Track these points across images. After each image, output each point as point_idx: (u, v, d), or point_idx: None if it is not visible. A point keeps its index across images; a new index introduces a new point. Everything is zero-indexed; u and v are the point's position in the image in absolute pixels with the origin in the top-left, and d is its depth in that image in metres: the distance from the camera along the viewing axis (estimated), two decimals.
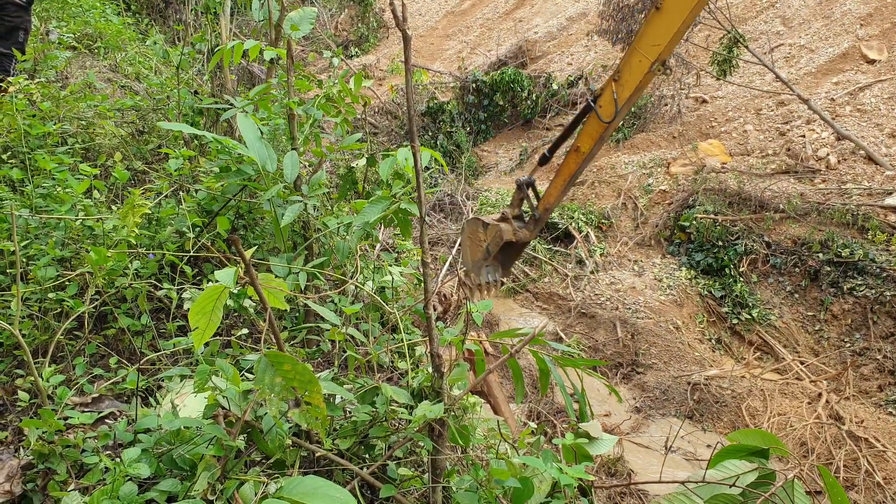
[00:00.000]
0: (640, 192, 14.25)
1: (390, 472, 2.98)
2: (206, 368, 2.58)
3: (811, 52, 16.74)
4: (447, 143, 18.26)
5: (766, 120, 15.10)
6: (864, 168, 12.55)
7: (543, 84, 19.31)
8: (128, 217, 3.67)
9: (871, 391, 9.79)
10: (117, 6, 12.06)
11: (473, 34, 25.58)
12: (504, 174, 17.64)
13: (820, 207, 11.84)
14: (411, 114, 2.53)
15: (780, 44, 17.42)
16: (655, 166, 14.78)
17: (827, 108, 14.18)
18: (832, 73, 15.67)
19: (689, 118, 16.42)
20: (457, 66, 22.26)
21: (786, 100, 15.19)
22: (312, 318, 4.10)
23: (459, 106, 19.03)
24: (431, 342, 2.81)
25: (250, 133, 3.67)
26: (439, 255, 12.98)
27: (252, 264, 2.38)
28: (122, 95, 7.41)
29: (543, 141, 18.20)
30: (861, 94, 14.41)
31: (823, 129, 13.69)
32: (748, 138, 14.76)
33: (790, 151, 13.62)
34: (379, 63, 23.61)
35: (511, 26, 24.63)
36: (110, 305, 3.74)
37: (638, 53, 6.39)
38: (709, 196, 12.89)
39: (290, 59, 4.16)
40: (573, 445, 3.17)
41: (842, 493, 2.63)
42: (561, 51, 22.15)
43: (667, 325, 11.24)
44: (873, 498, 7.80)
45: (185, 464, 2.55)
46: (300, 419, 2.26)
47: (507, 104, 19.16)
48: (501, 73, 18.88)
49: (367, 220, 3.63)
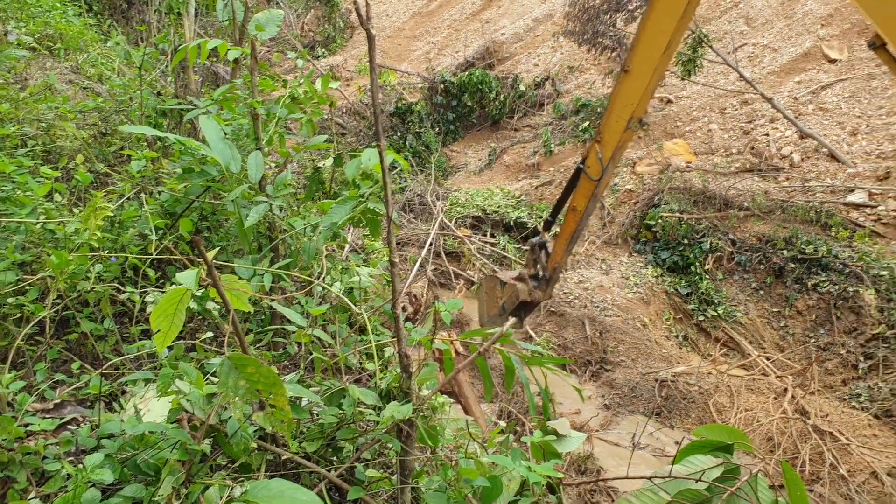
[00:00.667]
0: (607, 192, 14.36)
1: (358, 474, 2.96)
2: (170, 372, 2.55)
3: (774, 51, 16.99)
4: (416, 144, 18.26)
5: (731, 119, 15.29)
6: (827, 166, 12.76)
7: (511, 85, 19.39)
8: (90, 220, 3.62)
9: (836, 385, 9.96)
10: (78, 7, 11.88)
11: (441, 35, 25.60)
12: (473, 174, 17.68)
13: (784, 205, 12.02)
14: (377, 113, 2.52)
15: (743, 43, 17.65)
16: (621, 166, 14.89)
17: (790, 107, 14.40)
18: (795, 73, 15.92)
19: (654, 118, 16.57)
20: (425, 66, 22.26)
21: (750, 99, 15.39)
22: (279, 320, 4.07)
23: (428, 107, 19.04)
24: (399, 342, 2.80)
25: (213, 133, 3.63)
26: (409, 255, 12.96)
27: (216, 266, 2.35)
28: (83, 97, 7.30)
29: (512, 141, 18.27)
30: (823, 93, 14.65)
31: (787, 128, 13.90)
32: (713, 137, 14.94)
33: (754, 150, 13.81)
34: (346, 63, 23.54)
35: (478, 27, 24.68)
36: (72, 310, 3.68)
37: (614, 114, 6.94)
38: (674, 195, 13.03)
39: (254, 58, 4.13)
40: (541, 443, 3.18)
41: (801, 487, 2.66)
42: (528, 52, 22.24)
43: (634, 322, 11.34)
44: (838, 490, 7.92)
45: (149, 469, 2.51)
46: (265, 422, 2.24)
47: (476, 105, 19.21)
48: (469, 74, 18.93)
49: (334, 221, 3.60)
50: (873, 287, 10.29)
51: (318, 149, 4.56)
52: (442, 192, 15.59)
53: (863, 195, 11.73)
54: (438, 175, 17.36)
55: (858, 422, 8.85)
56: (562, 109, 18.25)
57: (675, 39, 6.26)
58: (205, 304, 3.30)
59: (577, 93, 18.77)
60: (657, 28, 6.28)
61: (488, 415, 8.08)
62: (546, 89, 19.46)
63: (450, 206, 14.72)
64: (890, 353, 9.73)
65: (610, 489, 7.45)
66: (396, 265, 2.75)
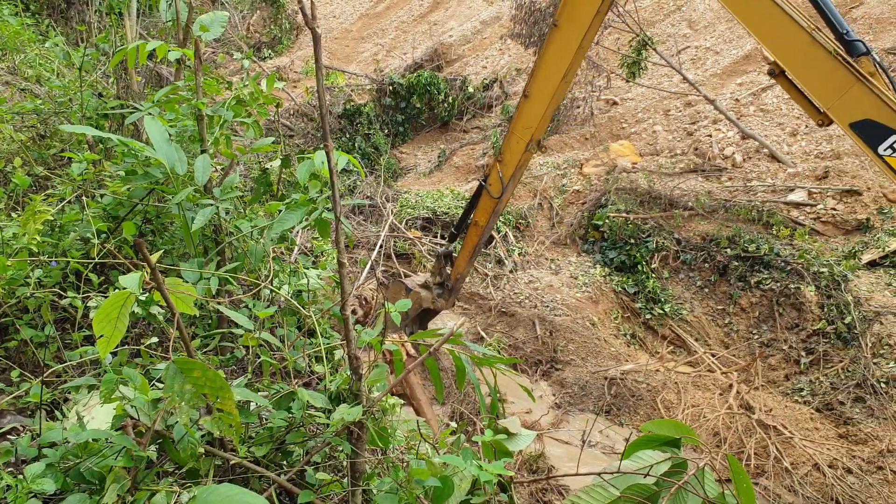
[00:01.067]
0: (555, 193, 14.51)
1: (308, 478, 2.94)
2: (113, 377, 2.49)
3: (716, 53, 17.37)
4: (365, 146, 18.19)
5: (675, 120, 15.58)
6: (768, 166, 13.09)
7: (459, 87, 19.47)
8: (28, 224, 3.53)
9: (779, 381, 10.21)
10: (15, 6, 11.56)
11: (389, 37, 25.56)
12: (423, 176, 17.68)
13: (727, 204, 12.30)
14: (324, 113, 2.50)
15: (686, 46, 18.01)
16: (569, 167, 15.06)
17: (732, 109, 14.73)
18: (736, 75, 16.30)
19: (600, 120, 16.80)
20: (373, 68, 22.20)
21: (693, 100, 15.71)
22: (225, 325, 4.01)
23: (377, 108, 18.99)
24: (349, 344, 2.79)
25: (158, 135, 3.56)
26: (359, 257, 12.90)
27: (161, 270, 2.31)
28: (21, 99, 7.10)
29: (461, 143, 18.34)
30: (763, 95, 15.03)
31: (729, 129, 14.23)
32: (657, 138, 15.21)
33: (698, 151, 14.09)
34: (293, 65, 23.32)
35: (426, 29, 24.72)
36: (11, 316, 3.58)
37: (515, 136, 7.36)
38: (621, 195, 13.22)
39: (198, 59, 4.07)
40: (492, 442, 3.19)
41: (747, 479, 2.72)
42: (476, 54, 22.36)
43: (583, 321, 11.47)
44: (782, 483, 8.13)
45: (93, 477, 2.45)
46: (212, 427, 2.21)
47: (425, 106, 19.22)
48: (418, 76, 18.93)
49: (285, 228, 3.58)
50: (813, 284, 10.59)
51: (265, 150, 4.52)
52: (392, 193, 15.55)
53: (802, 194, 12.07)
54: (388, 177, 17.32)
55: (801, 415, 9.09)
56: (510, 111, 18.37)
57: (571, 69, 6.75)
58: (149, 308, 3.24)
59: None
60: (554, 59, 6.72)
61: (440, 416, 8.09)
62: (494, 91, 19.59)
63: (400, 208, 14.69)
64: (830, 347, 10.02)
65: (561, 487, 7.52)
66: (345, 266, 2.74)
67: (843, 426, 8.90)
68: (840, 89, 5.13)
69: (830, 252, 11.04)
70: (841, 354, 9.86)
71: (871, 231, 11.18)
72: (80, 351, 3.28)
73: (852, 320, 9.88)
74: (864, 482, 7.93)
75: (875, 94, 4.98)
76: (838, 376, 9.59)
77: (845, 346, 9.87)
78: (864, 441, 8.56)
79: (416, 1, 27.43)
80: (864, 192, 11.64)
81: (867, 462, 8.20)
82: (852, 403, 9.14)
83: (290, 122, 18.17)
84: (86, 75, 5.93)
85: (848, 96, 5.10)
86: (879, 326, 9.64)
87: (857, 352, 9.61)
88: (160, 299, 2.24)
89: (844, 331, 9.93)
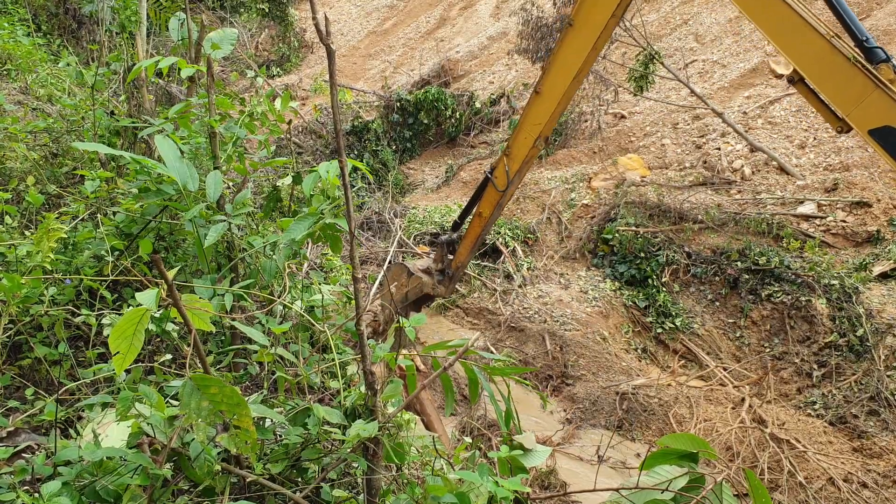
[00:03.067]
0: (564, 207, 14.49)
1: (324, 495, 2.92)
2: (129, 394, 2.49)
3: (723, 67, 17.38)
4: (373, 162, 18.24)
5: (683, 133, 15.57)
6: (777, 178, 13.06)
7: (467, 102, 19.51)
8: (42, 242, 3.53)
9: (791, 394, 10.14)
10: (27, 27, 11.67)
11: (396, 54, 25.68)
12: (431, 191, 17.70)
13: (736, 217, 12.26)
14: (338, 128, 2.51)
15: (693, 59, 18.03)
16: (577, 181, 15.05)
17: (740, 121, 14.72)
18: (744, 88, 16.29)
19: (608, 133, 16.80)
20: (380, 85, 22.29)
21: (701, 114, 15.71)
22: (239, 342, 4.00)
23: (384, 125, 19.04)
24: (364, 359, 2.78)
25: (170, 152, 3.57)
26: (369, 273, 12.90)
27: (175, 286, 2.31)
28: (33, 118, 7.15)
29: (468, 158, 18.35)
30: (771, 108, 15.02)
31: (737, 142, 14.21)
32: (666, 152, 15.19)
33: (706, 164, 14.07)
34: (301, 83, 23.45)
35: (433, 46, 24.82)
36: (25, 334, 3.58)
37: (524, 131, 7.62)
38: (630, 209, 13.20)
39: (210, 76, 4.09)
40: (508, 458, 3.17)
41: (766, 494, 2.69)
42: (483, 69, 22.43)
43: (594, 336, 11.42)
44: (796, 497, 8.04)
45: (109, 495, 2.44)
46: (229, 444, 2.20)
47: (432, 122, 19.26)
48: (425, 92, 18.98)
49: (293, 238, 3.57)
50: (824, 296, 10.53)
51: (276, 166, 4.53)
52: (400, 209, 15.57)
53: (812, 206, 12.02)
54: (396, 192, 17.34)
55: (814, 429, 9.01)
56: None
57: (583, 70, 6.95)
58: (164, 325, 3.24)
59: None
60: (567, 58, 6.91)
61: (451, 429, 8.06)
62: (501, 106, 19.61)
63: (408, 224, 14.70)
64: (842, 360, 9.94)
65: (575, 503, 7.46)
66: (360, 281, 2.74)
67: (858, 440, 8.82)
68: (859, 96, 5.15)
69: (841, 264, 10.98)
70: (854, 367, 9.78)
71: (881, 243, 11.12)
72: (94, 369, 3.28)
73: (864, 333, 9.81)
74: (881, 496, 7.84)
75: (894, 101, 4.99)
76: (851, 389, 9.52)
77: (858, 358, 9.80)
78: (878, 455, 8.47)
79: (423, 18, 27.57)
80: (874, 203, 11.59)
81: (883, 476, 8.11)
82: (866, 416, 9.06)
83: (299, 140, 18.25)
84: (98, 94, 5.97)
85: (867, 103, 5.12)
86: (892, 339, 9.57)
87: (870, 364, 9.53)
88: (175, 315, 2.24)
89: (857, 343, 9.86)
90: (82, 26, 14.24)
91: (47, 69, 9.32)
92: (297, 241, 3.61)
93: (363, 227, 14.82)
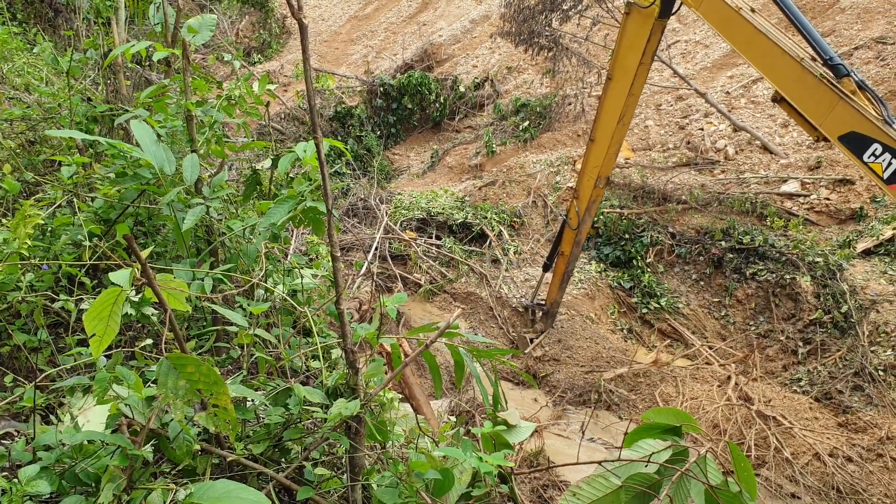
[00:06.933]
0: (549, 190, 14.50)
1: (307, 474, 2.92)
2: (106, 375, 2.47)
3: (706, 47, 17.38)
4: (358, 148, 18.17)
5: (666, 115, 15.59)
6: (761, 157, 13.10)
7: (450, 86, 19.46)
8: (19, 228, 3.49)
9: (777, 371, 10.21)
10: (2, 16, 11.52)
11: (378, 38, 25.54)
12: (417, 177, 17.66)
13: (720, 197, 12.30)
14: (312, 103, 2.48)
15: (676, 41, 18.02)
16: (562, 164, 15.05)
17: (723, 101, 14.74)
18: (726, 68, 16.30)
19: (592, 116, 16.76)
20: (363, 70, 22.18)
21: (684, 94, 15.72)
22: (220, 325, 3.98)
23: (368, 110, 18.97)
24: (345, 338, 2.77)
25: (146, 136, 3.54)
26: (355, 260, 12.87)
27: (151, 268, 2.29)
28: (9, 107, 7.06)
29: (454, 142, 18.32)
30: (754, 87, 15.04)
31: (721, 122, 14.24)
32: (649, 133, 15.21)
33: (690, 144, 14.10)
34: (283, 69, 23.30)
35: (415, 30, 24.69)
36: (3, 322, 3.55)
37: (586, 175, 8.94)
38: (614, 191, 13.22)
39: (185, 58, 4.04)
40: (492, 434, 3.17)
41: (749, 467, 2.70)
42: (466, 53, 22.34)
43: (581, 318, 11.45)
44: (783, 473, 8.11)
45: (89, 478, 2.42)
46: (208, 423, 2.19)
47: (416, 107, 19.21)
48: (408, 77, 18.91)
49: (273, 221, 3.54)
50: (809, 274, 10.60)
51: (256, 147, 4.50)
52: (385, 195, 15.53)
53: (795, 185, 12.07)
54: (381, 178, 17.29)
55: (800, 405, 9.08)
56: (502, 110, 18.37)
57: (627, 113, 8.21)
58: (142, 309, 3.22)
59: (517, 93, 18.92)
60: (611, 106, 8.25)
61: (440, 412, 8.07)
62: (486, 90, 19.58)
63: (394, 210, 14.67)
64: (827, 337, 10.02)
65: (563, 483, 7.50)
66: (338, 260, 2.72)
67: (843, 415, 8.90)
68: (828, 108, 5.95)
69: (825, 242, 11.05)
70: (838, 343, 9.85)
71: (864, 220, 11.19)
72: (73, 352, 3.25)
73: (848, 309, 9.88)
74: (865, 470, 7.92)
75: (855, 109, 5.76)
76: (836, 365, 9.59)
77: (842, 335, 9.87)
78: (863, 429, 8.55)
79: (404, 2, 27.41)
80: (856, 181, 11.65)
81: (867, 450, 8.19)
82: (851, 392, 9.14)
83: (280, 126, 18.15)
84: (74, 81, 5.89)
85: (834, 113, 5.93)
86: (876, 314, 9.64)
87: (855, 340, 9.60)
88: (154, 298, 2.22)
89: (841, 320, 9.93)
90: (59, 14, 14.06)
91: (24, 58, 9.19)
92: (277, 224, 3.58)
93: (349, 214, 14.77)
